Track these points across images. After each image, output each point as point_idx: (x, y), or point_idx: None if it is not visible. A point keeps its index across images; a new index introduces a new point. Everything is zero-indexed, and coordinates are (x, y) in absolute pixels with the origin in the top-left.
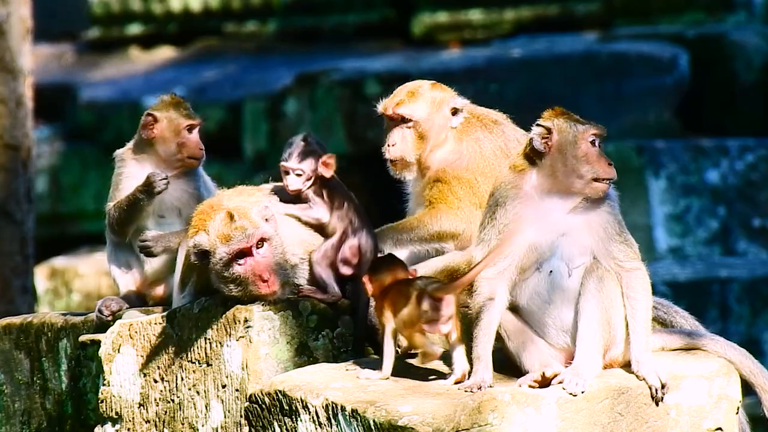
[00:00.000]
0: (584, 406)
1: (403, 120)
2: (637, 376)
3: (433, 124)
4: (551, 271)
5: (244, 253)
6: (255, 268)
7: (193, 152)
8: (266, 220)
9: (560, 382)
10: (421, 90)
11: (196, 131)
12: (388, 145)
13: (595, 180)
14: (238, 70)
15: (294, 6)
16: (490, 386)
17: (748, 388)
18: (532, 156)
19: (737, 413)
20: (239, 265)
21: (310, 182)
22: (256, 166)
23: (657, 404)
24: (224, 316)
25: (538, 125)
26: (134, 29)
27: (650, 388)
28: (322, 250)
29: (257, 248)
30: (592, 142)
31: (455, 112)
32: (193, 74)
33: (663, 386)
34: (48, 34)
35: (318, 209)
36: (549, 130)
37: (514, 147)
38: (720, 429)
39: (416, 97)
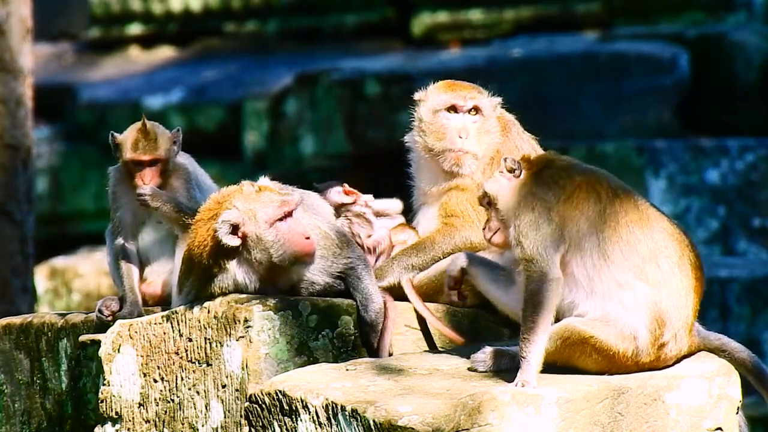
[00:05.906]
0: (584, 406)
1: (475, 113)
2: None
3: (492, 121)
4: None
5: (287, 214)
6: (298, 225)
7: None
8: None
9: None
10: (474, 86)
11: (144, 168)
12: (460, 137)
13: None
14: (238, 70)
15: (294, 6)
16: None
17: (747, 389)
18: None
19: (737, 413)
20: (283, 223)
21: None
22: (256, 166)
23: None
24: (224, 316)
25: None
26: (134, 29)
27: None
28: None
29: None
30: None
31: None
32: (193, 74)
33: None
34: (48, 34)
35: None
36: None
37: (525, 149)
38: (720, 429)
39: (479, 91)
